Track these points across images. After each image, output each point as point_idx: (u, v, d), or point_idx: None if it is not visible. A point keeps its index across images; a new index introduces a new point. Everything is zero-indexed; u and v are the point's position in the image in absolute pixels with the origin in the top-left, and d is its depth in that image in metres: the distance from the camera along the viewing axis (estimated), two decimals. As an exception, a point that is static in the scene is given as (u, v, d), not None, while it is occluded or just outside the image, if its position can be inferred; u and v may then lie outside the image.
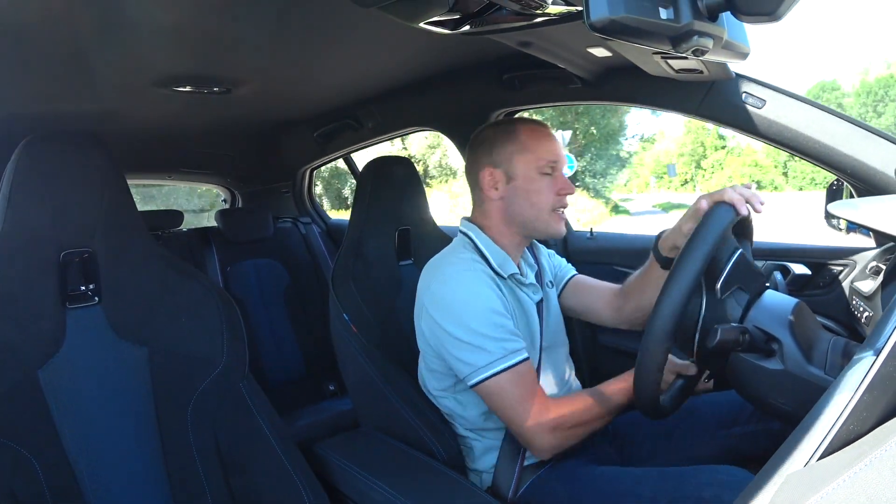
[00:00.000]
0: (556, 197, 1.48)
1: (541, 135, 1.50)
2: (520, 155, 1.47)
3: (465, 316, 1.37)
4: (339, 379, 1.73)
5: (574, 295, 1.71)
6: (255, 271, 3.00)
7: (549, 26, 1.13)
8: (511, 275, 1.49)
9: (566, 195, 1.49)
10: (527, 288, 1.53)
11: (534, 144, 1.47)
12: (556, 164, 1.48)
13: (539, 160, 1.46)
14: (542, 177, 1.47)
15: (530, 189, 1.47)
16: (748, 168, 47.36)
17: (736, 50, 1.04)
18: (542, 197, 1.47)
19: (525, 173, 1.47)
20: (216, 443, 1.30)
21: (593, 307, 1.68)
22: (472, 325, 1.36)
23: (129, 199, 1.35)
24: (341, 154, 3.03)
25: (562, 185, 1.48)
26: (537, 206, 1.47)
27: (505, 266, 1.48)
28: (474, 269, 1.43)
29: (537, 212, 1.48)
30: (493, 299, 1.39)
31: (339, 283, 1.69)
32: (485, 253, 1.49)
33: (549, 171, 1.48)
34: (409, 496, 1.25)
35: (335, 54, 1.68)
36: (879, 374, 0.60)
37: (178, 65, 1.60)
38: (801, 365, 1.03)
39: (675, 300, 1.04)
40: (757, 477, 0.65)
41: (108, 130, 2.24)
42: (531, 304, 1.53)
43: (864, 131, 1.43)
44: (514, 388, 1.33)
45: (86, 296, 1.25)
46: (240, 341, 1.39)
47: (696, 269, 1.04)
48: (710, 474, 1.16)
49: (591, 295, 1.69)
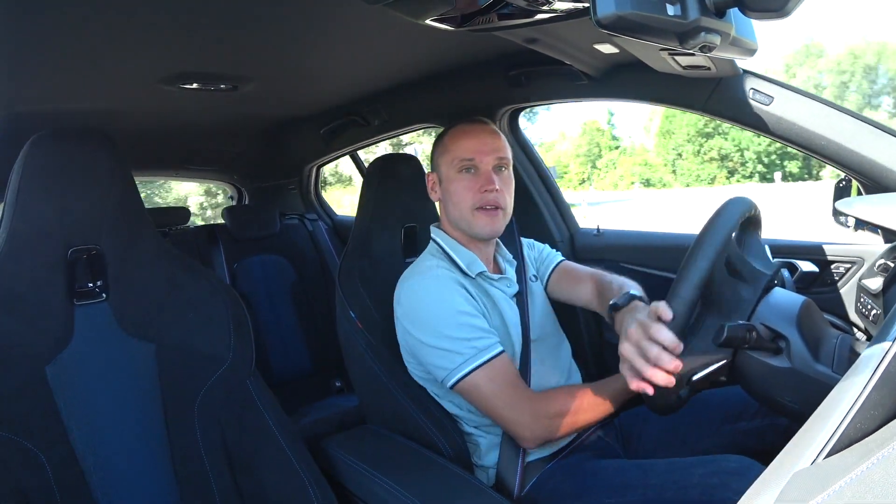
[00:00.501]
0: (477, 195, 1.48)
1: (461, 133, 1.51)
2: (442, 156, 1.52)
3: (433, 322, 1.40)
4: (346, 376, 1.73)
5: (561, 281, 1.73)
6: (261, 268, 3.01)
7: (555, 23, 1.13)
8: (479, 273, 1.51)
9: (487, 192, 1.47)
10: (498, 283, 1.55)
11: (451, 144, 1.51)
12: (472, 162, 1.48)
13: (454, 159, 1.49)
14: (461, 175, 1.49)
15: (451, 189, 1.51)
16: (639, 167, 48.06)
17: (743, 46, 1.03)
18: (461, 196, 1.49)
19: (447, 174, 1.51)
20: (223, 439, 1.31)
21: (580, 295, 1.67)
22: (440, 329, 1.38)
23: (137, 197, 1.36)
24: (347, 151, 3.04)
25: (482, 183, 1.47)
26: (459, 205, 1.50)
27: (472, 266, 1.51)
28: (438, 274, 1.46)
29: (460, 211, 1.50)
30: (458, 301, 1.41)
31: (346, 280, 1.69)
32: (452, 255, 1.52)
33: (468, 169, 1.49)
34: (415, 493, 1.25)
35: (341, 51, 1.68)
36: (887, 372, 0.60)
37: (184, 62, 1.61)
38: (808, 363, 1.02)
39: (686, 299, 1.04)
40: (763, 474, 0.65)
41: (116, 128, 2.25)
42: (505, 298, 1.54)
43: (873, 128, 1.42)
44: (490, 384, 1.35)
45: (93, 292, 1.26)
46: (246, 338, 1.40)
47: (708, 263, 1.04)
48: (718, 463, 1.17)
49: (577, 282, 1.69)
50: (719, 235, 1.05)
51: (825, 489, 0.52)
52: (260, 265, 3.01)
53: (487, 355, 1.36)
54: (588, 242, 2.23)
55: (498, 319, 1.50)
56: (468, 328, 1.38)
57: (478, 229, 1.50)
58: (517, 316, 1.54)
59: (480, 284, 1.52)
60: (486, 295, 1.51)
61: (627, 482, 1.25)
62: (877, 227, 1.41)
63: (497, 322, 1.49)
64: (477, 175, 1.48)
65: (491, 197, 1.48)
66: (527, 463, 1.42)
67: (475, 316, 1.41)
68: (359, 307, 1.62)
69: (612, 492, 1.25)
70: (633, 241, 2.18)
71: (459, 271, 1.50)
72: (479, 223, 1.49)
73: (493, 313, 1.50)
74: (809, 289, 1.63)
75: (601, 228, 2.24)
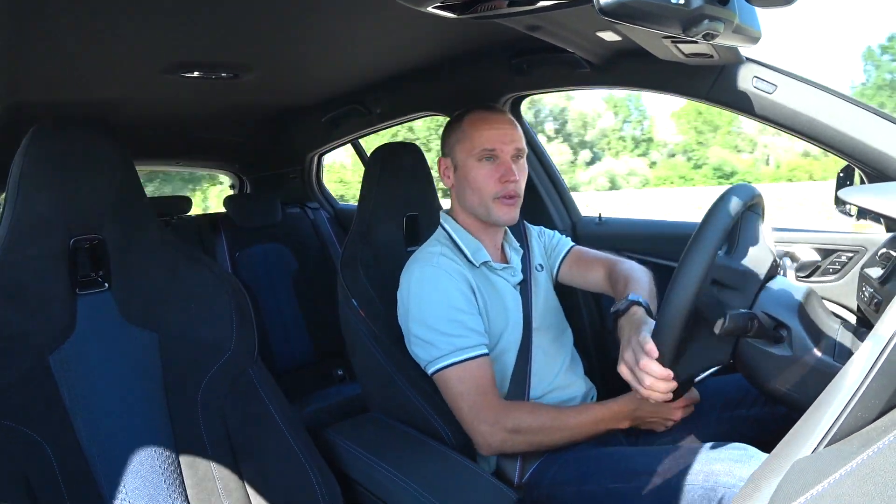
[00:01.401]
0: (497, 184, 1.50)
1: (481, 121, 1.53)
2: (460, 144, 1.53)
3: (424, 312, 1.44)
4: (348, 364, 1.74)
5: (574, 267, 1.76)
6: (263, 257, 3.01)
7: (557, 10, 1.13)
8: (483, 263, 1.53)
9: (507, 182, 1.50)
10: (502, 272, 1.57)
11: (471, 132, 1.52)
12: (493, 152, 1.50)
13: (474, 148, 1.50)
14: (481, 164, 1.51)
15: (469, 177, 1.52)
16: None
17: (747, 34, 1.03)
18: (481, 184, 1.51)
19: (465, 161, 1.53)
20: (226, 428, 1.31)
21: (593, 280, 1.71)
22: (428, 320, 1.43)
23: (139, 186, 1.35)
24: (349, 139, 3.03)
25: (502, 173, 1.50)
26: (478, 193, 1.52)
27: (477, 254, 1.54)
28: (440, 263, 1.48)
29: (479, 198, 1.52)
30: (454, 295, 1.44)
31: (348, 268, 1.69)
32: (458, 242, 1.55)
33: (489, 158, 1.50)
34: (418, 480, 1.26)
35: (343, 39, 1.67)
36: (888, 361, 0.60)
37: (185, 51, 1.60)
38: (810, 351, 1.03)
39: (672, 335, 1.05)
40: (764, 463, 0.65)
41: (117, 117, 2.25)
42: (508, 287, 1.57)
43: (877, 117, 1.41)
44: (459, 384, 1.39)
45: (96, 282, 1.26)
46: (249, 327, 1.40)
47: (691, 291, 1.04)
48: (722, 450, 1.17)
49: (590, 268, 1.72)
50: (701, 259, 1.04)
51: (826, 478, 0.53)
52: (262, 254, 3.02)
53: (463, 356, 1.39)
54: (590, 231, 2.23)
55: (500, 308, 1.52)
56: (455, 324, 1.41)
57: (497, 217, 1.53)
58: (520, 305, 1.56)
59: (484, 273, 1.54)
60: (489, 284, 1.53)
61: (633, 468, 1.25)
62: (879, 216, 1.41)
63: (498, 311, 1.51)
64: (497, 164, 1.51)
65: (511, 187, 1.51)
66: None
67: (467, 313, 1.44)
68: (361, 295, 1.62)
69: (616, 477, 1.26)
70: (635, 229, 2.18)
71: (465, 259, 1.53)
72: (500, 211, 1.52)
73: (494, 303, 1.51)
74: (811, 277, 1.63)
75: (603, 217, 2.24)
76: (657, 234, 2.07)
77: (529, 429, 1.35)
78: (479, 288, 1.49)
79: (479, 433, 1.37)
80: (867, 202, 0.96)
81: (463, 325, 1.42)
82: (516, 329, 1.53)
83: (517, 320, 1.54)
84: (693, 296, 1.03)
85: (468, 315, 1.44)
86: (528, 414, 1.38)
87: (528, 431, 1.35)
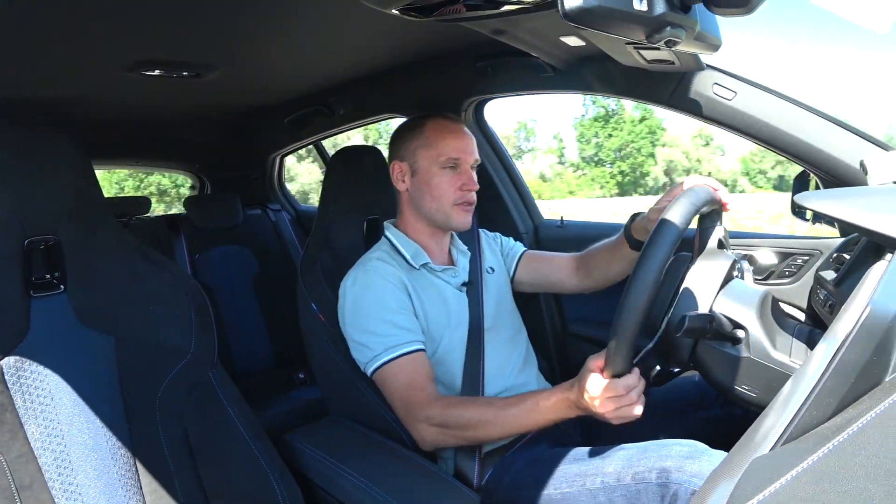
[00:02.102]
0: (458, 192, 1.55)
1: (446, 131, 1.56)
2: (423, 150, 1.56)
3: (356, 315, 1.47)
4: (309, 368, 1.72)
5: (531, 269, 1.80)
6: (224, 259, 2.97)
7: (523, 14, 1.13)
8: (423, 264, 1.56)
9: (469, 190, 1.56)
10: (442, 274, 1.59)
11: (436, 140, 1.55)
12: (458, 161, 1.55)
13: (440, 155, 1.54)
14: (444, 171, 1.55)
15: (431, 183, 1.55)
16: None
17: (707, 41, 1.05)
18: (443, 191, 1.55)
19: (426, 167, 1.55)
20: (185, 433, 1.29)
21: (554, 277, 1.78)
22: (361, 323, 1.46)
23: (96, 186, 1.32)
24: (312, 141, 3.01)
25: (464, 181, 1.55)
26: (438, 199, 1.55)
27: (417, 257, 1.56)
28: (373, 267, 1.52)
29: (439, 205, 1.56)
30: (385, 297, 1.47)
31: (307, 272, 1.68)
32: (398, 247, 1.57)
33: (452, 166, 1.54)
34: (379, 483, 1.25)
35: (307, 40, 1.66)
36: (842, 362, 0.62)
37: (147, 49, 1.57)
38: (767, 352, 1.05)
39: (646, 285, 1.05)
40: (723, 461, 0.66)
41: (76, 116, 2.21)
42: (450, 289, 1.59)
43: (832, 124, 1.45)
44: (393, 381, 1.41)
45: (51, 284, 1.23)
46: (209, 330, 1.38)
47: (666, 252, 1.05)
48: (672, 447, 1.19)
49: (549, 265, 1.79)
50: (656, 261, 1.05)
51: (783, 475, 0.54)
52: (222, 256, 2.97)
53: (395, 353, 1.41)
54: (552, 234, 2.25)
55: (440, 308, 1.54)
56: (386, 324, 1.43)
57: (456, 222, 1.57)
58: (464, 305, 1.58)
59: (424, 275, 1.56)
60: (428, 285, 1.55)
61: (586, 470, 1.26)
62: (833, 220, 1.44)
63: (438, 311, 1.53)
64: (459, 173, 1.55)
65: (471, 195, 1.57)
66: (483, 453, 1.44)
67: (398, 312, 1.46)
68: (320, 299, 1.61)
69: (571, 480, 1.27)
70: (596, 232, 2.19)
71: (403, 262, 1.55)
72: (459, 218, 1.57)
73: (434, 303, 1.53)
74: (768, 279, 1.67)
75: (565, 220, 2.26)
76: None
77: (460, 423, 1.34)
78: (414, 288, 1.51)
79: (414, 429, 1.38)
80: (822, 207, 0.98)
81: (393, 324, 1.44)
82: (460, 328, 1.54)
83: (461, 320, 1.56)
84: (648, 297, 1.04)
85: (399, 314, 1.46)
86: (459, 408, 1.36)
87: (459, 426, 1.34)
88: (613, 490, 1.20)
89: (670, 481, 1.13)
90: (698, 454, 1.14)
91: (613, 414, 1.16)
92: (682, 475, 1.12)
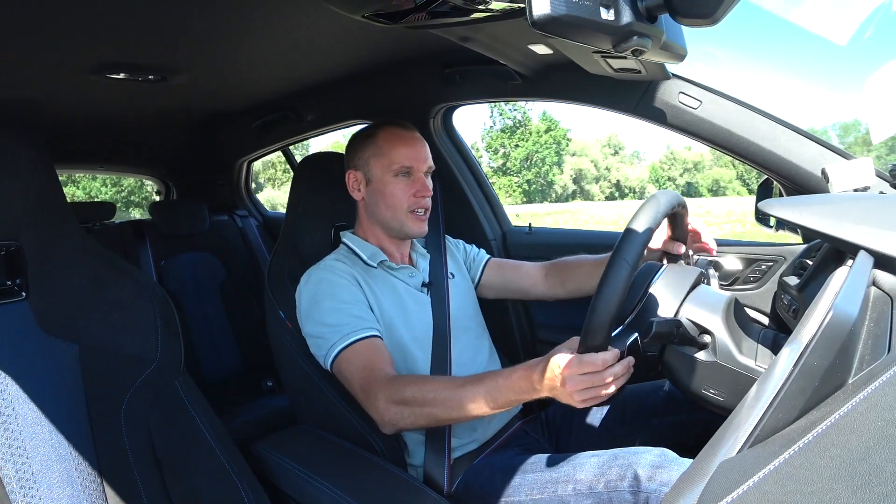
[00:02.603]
0: (411, 199, 1.56)
1: (397, 139, 1.57)
2: (375, 158, 1.57)
3: (311, 310, 1.47)
4: (277, 375, 1.70)
5: (497, 275, 1.82)
6: (190, 266, 2.94)
7: (491, 22, 1.14)
8: (381, 262, 1.58)
9: (422, 197, 1.57)
10: (398, 272, 1.61)
11: (388, 148, 1.56)
12: (411, 169, 1.56)
13: (392, 164, 1.55)
14: (397, 179, 1.56)
15: (385, 191, 1.56)
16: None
17: (673, 51, 1.06)
18: (397, 199, 1.56)
19: (380, 176, 1.56)
20: (151, 443, 1.27)
21: (520, 284, 1.79)
22: (315, 316, 1.46)
23: (59, 191, 1.30)
24: (279, 146, 3.00)
25: (418, 189, 1.56)
26: (392, 207, 1.57)
27: (374, 256, 1.58)
28: (326, 265, 1.54)
29: (393, 212, 1.57)
30: (337, 291, 1.47)
31: (275, 279, 1.67)
32: (355, 249, 1.59)
33: (405, 174, 1.56)
34: (350, 492, 1.24)
35: (274, 44, 1.65)
36: (806, 365, 0.63)
37: (112, 51, 1.55)
38: (733, 356, 1.07)
39: (616, 287, 1.06)
40: (691, 465, 0.67)
41: (39, 118, 2.17)
42: (407, 289, 1.60)
43: (794, 133, 1.48)
44: (349, 366, 1.40)
45: (11, 291, 1.20)
46: (175, 338, 1.36)
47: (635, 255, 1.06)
48: (643, 455, 1.20)
49: (515, 273, 1.81)
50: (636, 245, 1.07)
51: (750, 478, 0.54)
52: (189, 263, 2.94)
53: (350, 339, 1.40)
54: (520, 240, 2.26)
55: (395, 308, 1.54)
56: (340, 314, 1.44)
57: (410, 230, 1.58)
58: (423, 305, 1.60)
59: (381, 274, 1.57)
60: (384, 283, 1.56)
61: (556, 477, 1.27)
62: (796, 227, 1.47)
63: (394, 307, 1.54)
64: (412, 180, 1.56)
65: (424, 202, 1.57)
66: (453, 460, 1.44)
67: (351, 303, 1.46)
68: (288, 306, 1.60)
69: (542, 488, 1.27)
70: (564, 238, 2.21)
71: (360, 262, 1.57)
72: (413, 225, 1.57)
73: (388, 299, 1.54)
74: (733, 285, 1.70)
75: (532, 226, 2.27)
76: (585, 244, 2.10)
77: (416, 399, 1.29)
78: (368, 284, 1.52)
79: (374, 409, 1.35)
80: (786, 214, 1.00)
81: (348, 313, 1.44)
82: (420, 327, 1.55)
83: (422, 320, 1.57)
84: (631, 272, 1.05)
85: (352, 304, 1.46)
86: (416, 385, 1.31)
87: (417, 402, 1.29)
88: (585, 497, 1.21)
89: (641, 489, 1.14)
90: (668, 462, 1.16)
91: (581, 395, 1.08)
92: (653, 483, 1.13)
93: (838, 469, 0.51)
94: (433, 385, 1.30)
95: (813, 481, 0.51)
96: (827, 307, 0.68)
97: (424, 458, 1.45)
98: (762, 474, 0.54)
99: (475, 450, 1.49)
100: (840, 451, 0.52)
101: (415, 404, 1.29)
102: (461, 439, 1.48)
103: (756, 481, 0.54)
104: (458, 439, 1.47)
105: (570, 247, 2.12)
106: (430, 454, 1.44)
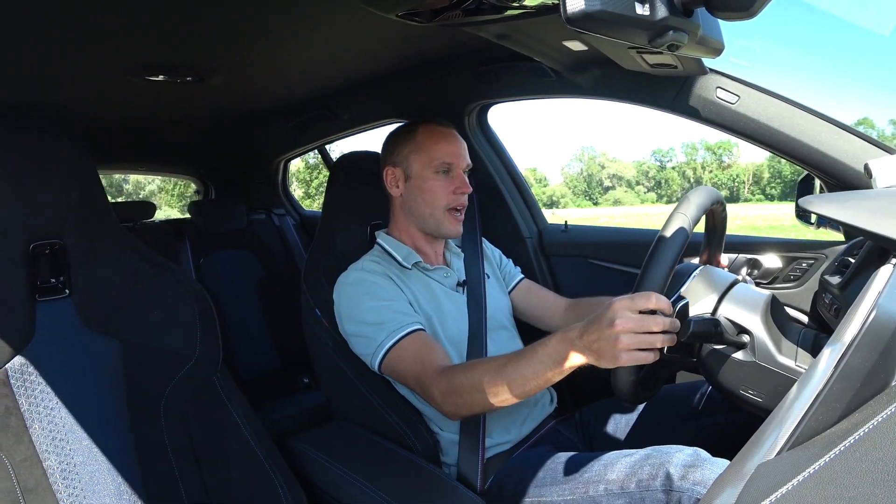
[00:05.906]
0: (451, 196, 1.56)
1: (438, 135, 1.57)
2: (416, 154, 1.57)
3: (352, 310, 1.47)
4: (314, 372, 1.72)
5: (524, 298, 1.82)
6: (228, 263, 2.98)
7: (525, 19, 1.13)
8: (415, 263, 1.57)
9: (462, 194, 1.57)
10: (433, 273, 1.61)
11: (429, 144, 1.56)
12: (451, 165, 1.56)
13: (433, 160, 1.55)
14: (437, 175, 1.56)
15: (424, 187, 1.56)
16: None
17: (710, 45, 1.04)
18: (436, 196, 1.56)
19: (420, 172, 1.57)
20: (189, 437, 1.29)
21: (541, 314, 1.79)
22: (357, 316, 1.46)
23: (101, 191, 1.33)
24: (316, 145, 3.02)
25: (457, 185, 1.57)
26: (431, 204, 1.57)
27: (409, 257, 1.58)
28: (363, 266, 1.54)
29: (431, 210, 1.57)
30: (377, 289, 1.47)
31: (311, 277, 1.68)
32: (389, 250, 1.59)
33: (445, 171, 1.56)
34: (384, 488, 1.25)
35: (309, 44, 1.66)
36: (847, 366, 0.61)
37: (150, 53, 1.58)
38: (772, 356, 1.05)
39: (676, 238, 1.05)
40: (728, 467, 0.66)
41: (80, 120, 2.21)
42: (443, 289, 1.60)
43: (836, 127, 1.45)
44: (401, 363, 1.39)
45: (56, 288, 1.23)
46: (213, 334, 1.38)
47: (678, 245, 1.05)
48: (675, 454, 1.18)
49: (541, 301, 1.81)
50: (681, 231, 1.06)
51: (788, 481, 0.53)
52: (227, 260, 2.98)
53: (397, 336, 1.40)
54: (555, 238, 2.24)
55: (432, 308, 1.54)
56: (383, 311, 1.43)
57: (446, 230, 1.59)
58: (459, 305, 1.59)
59: (416, 274, 1.58)
60: (420, 283, 1.57)
61: (588, 477, 1.26)
62: (838, 224, 1.44)
63: (431, 310, 1.53)
64: (451, 177, 1.56)
65: (463, 199, 1.58)
66: (486, 459, 1.44)
67: (392, 300, 1.46)
68: (324, 305, 1.61)
69: (573, 488, 1.26)
70: (600, 237, 2.19)
71: (396, 263, 1.57)
72: (450, 226, 1.58)
73: (427, 300, 1.54)
74: (773, 284, 1.66)
75: (568, 224, 2.25)
76: (621, 242, 2.08)
77: (465, 387, 1.24)
78: (405, 283, 1.53)
79: (433, 403, 1.33)
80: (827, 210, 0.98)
81: (390, 309, 1.44)
82: (455, 328, 1.55)
83: (457, 320, 1.56)
84: (686, 233, 1.05)
85: (393, 301, 1.46)
86: (463, 373, 1.27)
87: (466, 390, 1.24)
88: (617, 497, 1.19)
89: (674, 489, 1.12)
90: (702, 462, 1.14)
91: (629, 338, 0.97)
92: (686, 482, 1.11)
93: (880, 473, 0.50)
94: (477, 370, 1.24)
95: (854, 486, 0.50)
96: (870, 306, 0.67)
97: (458, 456, 1.44)
98: (801, 477, 0.53)
99: (508, 449, 1.49)
100: (882, 454, 0.51)
101: (465, 392, 1.26)
102: (494, 439, 1.47)
103: (795, 484, 0.53)
104: (492, 439, 1.47)
105: (605, 245, 2.11)
106: (464, 452, 1.43)
